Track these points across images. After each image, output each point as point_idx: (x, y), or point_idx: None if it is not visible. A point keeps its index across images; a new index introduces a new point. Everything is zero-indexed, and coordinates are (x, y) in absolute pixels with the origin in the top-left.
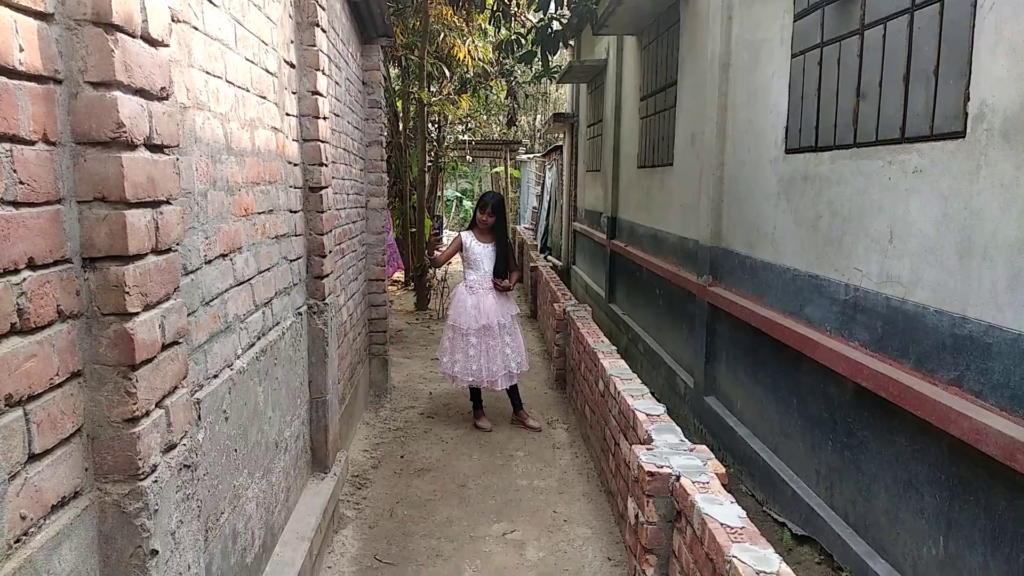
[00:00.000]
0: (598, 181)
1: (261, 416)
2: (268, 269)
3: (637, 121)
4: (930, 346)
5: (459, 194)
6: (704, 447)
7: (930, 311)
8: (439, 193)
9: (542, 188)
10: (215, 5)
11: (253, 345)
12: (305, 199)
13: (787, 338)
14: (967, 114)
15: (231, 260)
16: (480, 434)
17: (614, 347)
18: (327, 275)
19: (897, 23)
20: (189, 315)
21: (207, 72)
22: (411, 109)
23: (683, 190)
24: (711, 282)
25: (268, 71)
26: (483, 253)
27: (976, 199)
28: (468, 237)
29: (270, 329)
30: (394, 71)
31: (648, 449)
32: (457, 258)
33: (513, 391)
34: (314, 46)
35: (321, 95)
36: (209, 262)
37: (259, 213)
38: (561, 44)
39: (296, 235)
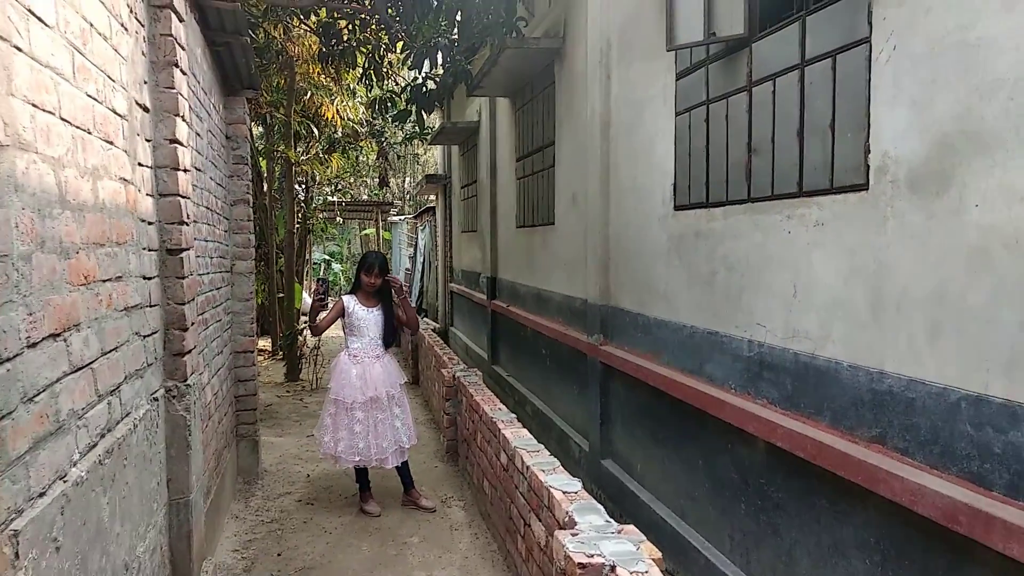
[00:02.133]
0: (475, 242)
1: (106, 535)
2: (115, 348)
3: (514, 181)
4: (846, 402)
5: (327, 256)
6: (634, 528)
7: (844, 366)
8: (307, 256)
9: (415, 249)
10: (47, 25)
11: (95, 445)
12: (162, 263)
13: (688, 397)
14: (868, 166)
15: (65, 341)
16: (368, 520)
17: (514, 415)
18: (189, 351)
19: (787, 79)
20: (3, 418)
21: (34, 105)
22: (276, 169)
23: (567, 249)
24: (602, 341)
25: (116, 112)
26: (368, 318)
27: (886, 251)
28: (351, 301)
29: (118, 422)
30: (258, 130)
31: (573, 535)
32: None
33: (404, 468)
34: (172, 88)
35: (181, 144)
36: (34, 345)
37: (104, 280)
38: (436, 103)
39: (151, 306)
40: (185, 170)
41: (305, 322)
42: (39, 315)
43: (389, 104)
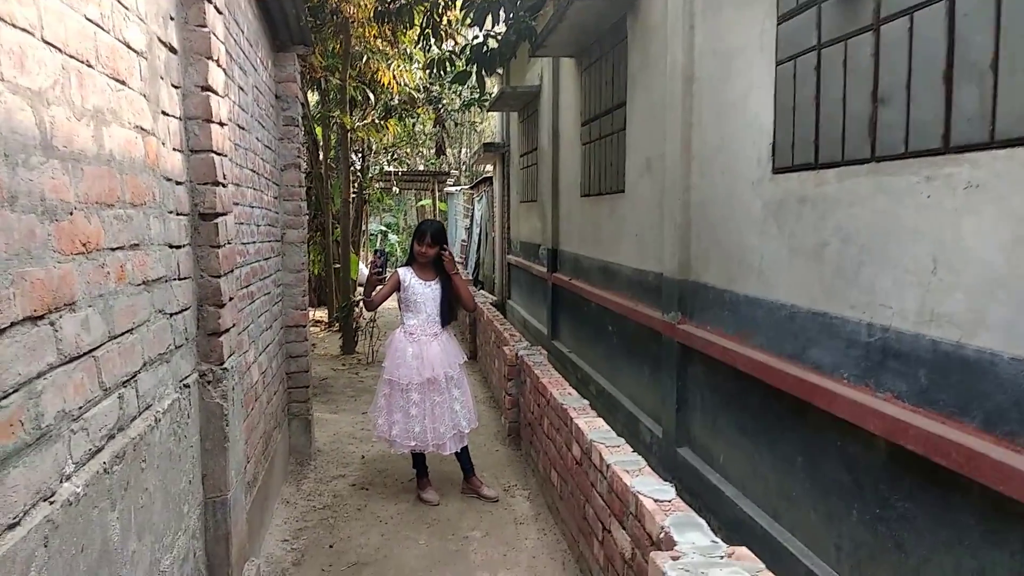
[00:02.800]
0: (534, 212)
1: (115, 557)
2: (130, 331)
3: (579, 148)
4: (1006, 402)
5: (384, 228)
6: (747, 551)
7: (1003, 359)
8: (363, 227)
9: (471, 221)
10: None
11: (99, 451)
12: (194, 229)
13: (788, 385)
14: None
15: (52, 324)
16: (426, 509)
17: (586, 401)
18: (227, 330)
19: (930, 12)
20: None
21: None
22: (332, 137)
23: (638, 219)
24: (680, 319)
25: (130, 46)
26: (425, 293)
27: None
28: (407, 274)
29: (133, 419)
30: (313, 97)
31: (674, 558)
32: (392, 300)
33: (463, 454)
34: (204, 27)
35: (215, 93)
36: None
37: (113, 249)
38: (497, 64)
39: (179, 279)
40: (221, 123)
41: (361, 295)
42: (8, 293)
43: (448, 66)
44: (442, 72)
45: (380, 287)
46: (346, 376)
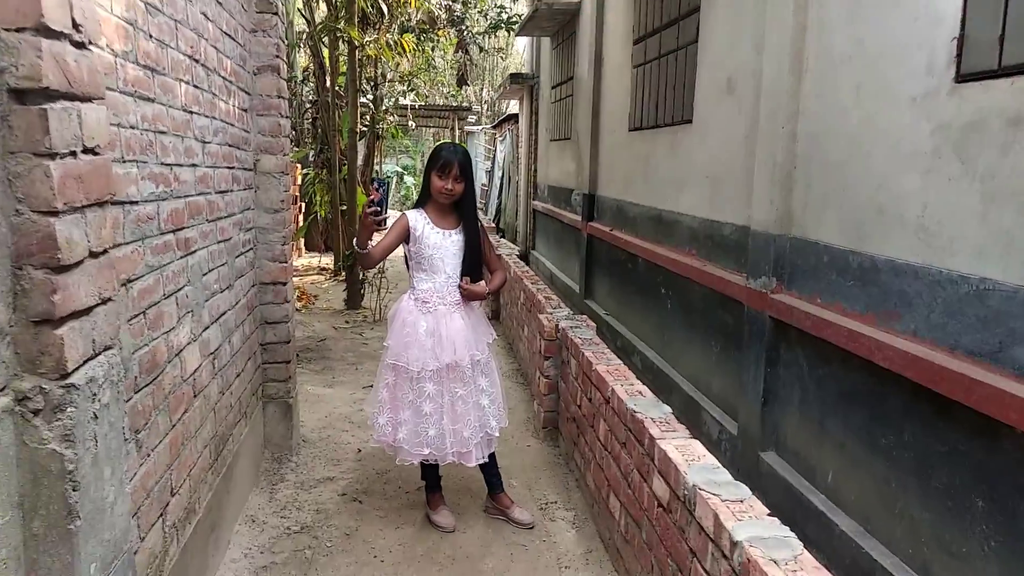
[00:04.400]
0: (568, 152)
1: None
2: None
3: (628, 72)
4: None
5: (400, 169)
6: None
7: None
8: (376, 165)
9: (492, 163)
10: None
11: None
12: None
13: (965, 394)
14: None
15: None
16: (437, 538)
17: (669, 409)
18: (76, 313)
19: None
20: None
21: None
22: (340, 60)
23: (711, 156)
24: (775, 287)
25: None
26: (444, 246)
27: None
28: (418, 219)
29: None
30: (320, 10)
31: None
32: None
33: (490, 463)
34: None
35: None
36: None
37: None
38: None
39: None
40: None
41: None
42: None
43: None
44: None
45: (379, 234)
46: (349, 336)
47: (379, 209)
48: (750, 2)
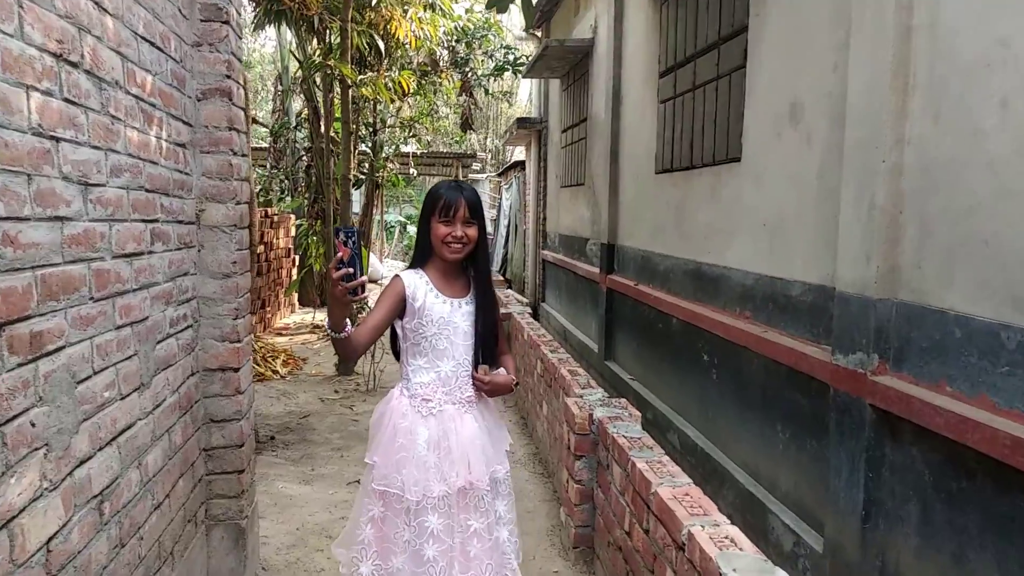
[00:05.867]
0: (581, 198)
1: None
2: None
3: (653, 108)
4: None
5: (403, 219)
6: None
7: None
8: (376, 214)
9: (498, 211)
10: None
11: None
12: None
13: None
14: None
15: None
16: None
17: (768, 560)
18: None
19: None
20: None
21: None
22: (335, 102)
23: (769, 198)
24: (877, 367)
25: None
26: (453, 321)
27: None
28: (418, 283)
29: None
30: (315, 48)
31: None
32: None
33: None
34: None
35: None
36: None
37: None
38: None
39: None
40: None
41: (326, 322)
42: None
43: None
44: None
45: (360, 305)
46: (337, 411)
47: (351, 271)
48: (823, 11)
